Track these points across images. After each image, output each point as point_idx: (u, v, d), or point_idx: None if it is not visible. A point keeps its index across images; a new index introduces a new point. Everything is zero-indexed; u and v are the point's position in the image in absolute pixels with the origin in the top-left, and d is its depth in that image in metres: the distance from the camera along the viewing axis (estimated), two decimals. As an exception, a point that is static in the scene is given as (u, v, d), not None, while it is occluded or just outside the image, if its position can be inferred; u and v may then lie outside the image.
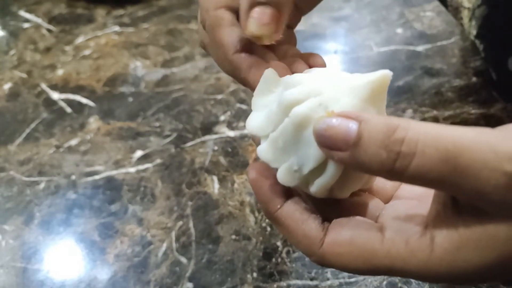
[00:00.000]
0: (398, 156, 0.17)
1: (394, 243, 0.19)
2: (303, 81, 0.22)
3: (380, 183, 0.25)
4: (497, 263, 0.18)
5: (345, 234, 0.20)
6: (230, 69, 0.26)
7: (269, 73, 0.24)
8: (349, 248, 0.20)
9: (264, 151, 0.23)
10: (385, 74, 0.21)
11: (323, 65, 0.27)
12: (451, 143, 0.17)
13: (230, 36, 0.25)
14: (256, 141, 0.25)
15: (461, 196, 0.18)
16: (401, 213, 0.21)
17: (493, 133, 0.17)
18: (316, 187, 0.22)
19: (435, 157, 0.17)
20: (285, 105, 0.21)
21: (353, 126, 0.18)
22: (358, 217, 0.21)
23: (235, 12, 0.26)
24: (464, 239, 0.18)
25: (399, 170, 0.17)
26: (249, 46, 0.25)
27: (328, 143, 0.19)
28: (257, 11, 0.23)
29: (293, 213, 0.22)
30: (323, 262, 0.21)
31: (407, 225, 0.20)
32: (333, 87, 0.21)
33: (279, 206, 0.22)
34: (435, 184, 0.18)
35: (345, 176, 0.21)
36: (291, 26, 0.30)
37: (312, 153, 0.21)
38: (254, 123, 0.24)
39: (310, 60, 0.27)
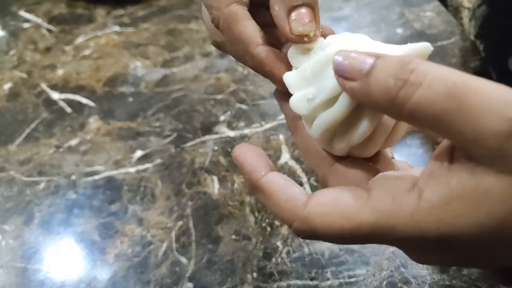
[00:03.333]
0: (404, 84, 0.17)
1: (380, 199, 0.19)
2: (349, 35, 0.24)
3: (383, 168, 0.25)
4: (488, 222, 0.17)
5: (330, 194, 0.20)
6: (253, 63, 0.26)
7: (296, 46, 0.25)
8: (333, 207, 0.19)
9: (290, 76, 0.25)
10: (426, 46, 0.21)
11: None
12: (461, 81, 0.17)
13: (249, 30, 0.26)
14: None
15: (459, 139, 0.17)
16: (390, 175, 0.21)
17: (509, 87, 0.17)
18: (320, 120, 0.23)
19: (442, 90, 0.17)
20: (326, 43, 0.24)
21: (369, 59, 0.19)
22: (344, 186, 0.21)
23: (246, 5, 0.26)
24: (454, 194, 0.17)
25: (402, 100, 0.17)
26: (268, 40, 0.26)
27: (343, 72, 0.19)
28: (296, 13, 0.24)
29: (277, 180, 0.22)
30: (305, 227, 0.20)
31: (395, 183, 0.19)
32: (374, 44, 0.23)
33: (263, 173, 0.22)
34: (434, 121, 0.17)
35: (347, 125, 0.22)
36: None
37: (329, 84, 0.22)
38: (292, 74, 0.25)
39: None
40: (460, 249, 0.18)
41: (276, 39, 0.28)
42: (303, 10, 0.24)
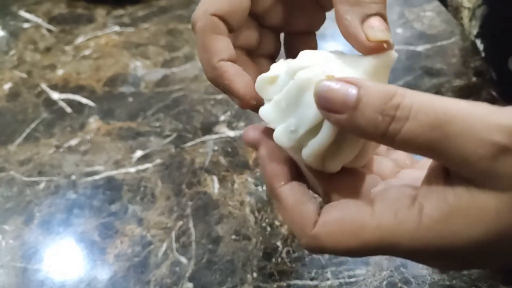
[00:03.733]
0: (392, 120, 0.18)
1: (383, 216, 0.19)
2: (310, 55, 0.24)
3: (379, 168, 0.26)
4: (485, 237, 0.18)
5: (335, 213, 0.21)
6: (212, 75, 0.26)
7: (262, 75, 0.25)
8: (339, 226, 0.20)
9: (266, 111, 0.24)
10: (390, 54, 0.22)
11: None
12: (442, 111, 0.17)
13: (220, 43, 0.26)
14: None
15: (449, 165, 0.18)
16: (392, 187, 0.21)
17: (487, 106, 0.18)
18: (308, 149, 0.22)
19: (426, 122, 0.18)
20: (292, 70, 0.23)
21: (352, 90, 0.19)
22: (348, 199, 0.22)
23: (228, 25, 0.26)
24: (453, 209, 0.18)
25: (392, 134, 0.18)
26: (234, 59, 0.26)
27: (327, 105, 0.20)
28: (371, 20, 0.24)
29: (295, 192, 0.22)
30: (314, 245, 0.21)
31: (396, 197, 0.20)
32: (338, 59, 0.23)
33: (283, 183, 0.23)
34: (424, 149, 0.18)
35: (336, 147, 0.22)
36: (313, 29, 0.31)
37: (309, 114, 0.22)
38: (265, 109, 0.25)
39: None
40: (461, 259, 0.19)
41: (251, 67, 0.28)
42: (377, 18, 0.24)
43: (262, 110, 0.25)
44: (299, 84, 0.22)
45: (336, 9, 0.25)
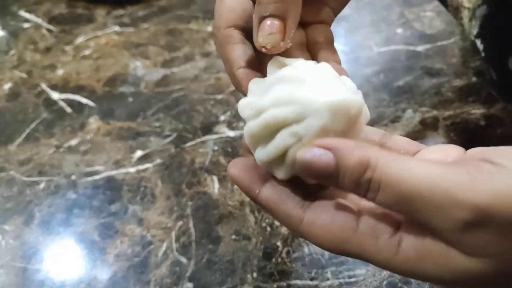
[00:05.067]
0: (367, 191, 0.20)
1: (365, 237, 0.21)
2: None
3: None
4: (452, 282, 0.19)
5: (324, 219, 0.22)
6: (234, 82, 0.28)
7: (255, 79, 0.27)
8: (324, 232, 0.22)
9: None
10: (343, 101, 0.22)
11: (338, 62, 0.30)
12: (406, 186, 0.18)
13: (235, 52, 0.27)
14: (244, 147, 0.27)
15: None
16: (379, 211, 0.22)
17: (458, 175, 0.18)
18: (278, 176, 0.24)
19: (392, 197, 0.19)
20: (259, 109, 0.24)
21: (331, 162, 0.21)
22: (340, 201, 0.23)
23: (243, 30, 0.28)
24: (427, 250, 0.19)
25: (370, 199, 0.20)
26: (254, 63, 0.28)
27: (312, 175, 0.21)
28: (264, 23, 0.25)
29: (272, 196, 0.24)
30: (303, 238, 0.23)
31: (381, 221, 0.21)
32: (303, 99, 0.23)
33: (257, 192, 0.24)
34: (398, 213, 0.20)
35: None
36: (326, 22, 0.31)
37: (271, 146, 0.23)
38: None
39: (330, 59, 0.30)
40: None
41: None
42: (274, 21, 0.25)
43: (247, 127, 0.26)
44: (267, 123, 0.23)
45: None
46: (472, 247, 0.18)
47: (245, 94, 0.27)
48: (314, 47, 0.30)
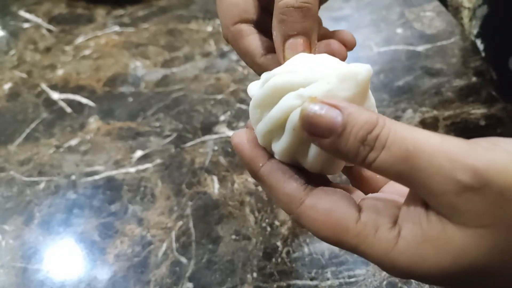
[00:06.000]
0: (371, 150, 0.19)
1: (365, 227, 0.20)
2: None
3: (373, 174, 0.26)
4: (451, 269, 0.19)
5: (326, 203, 0.21)
6: (260, 72, 0.28)
7: None
8: (325, 217, 0.21)
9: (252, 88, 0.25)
10: (361, 72, 0.22)
11: (351, 40, 0.30)
12: (413, 144, 0.18)
13: (253, 43, 0.28)
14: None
15: (418, 194, 0.20)
16: (381, 200, 0.22)
17: (459, 143, 0.19)
18: (275, 153, 0.23)
19: (397, 154, 0.19)
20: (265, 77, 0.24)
21: (337, 117, 0.20)
22: (343, 191, 0.22)
23: (251, 22, 0.28)
24: (425, 236, 0.19)
25: (369, 161, 0.19)
26: (273, 50, 0.28)
27: (313, 130, 0.20)
28: (290, 42, 0.26)
29: (276, 171, 0.23)
30: (299, 222, 0.22)
31: (381, 213, 0.21)
32: (311, 69, 0.23)
33: (261, 165, 0.24)
34: (395, 178, 0.20)
35: (306, 146, 0.23)
36: None
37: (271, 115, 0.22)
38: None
39: (340, 37, 0.30)
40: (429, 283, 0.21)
41: None
42: (298, 39, 0.26)
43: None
44: (273, 89, 0.23)
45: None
46: (468, 214, 0.18)
47: None
48: None
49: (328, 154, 0.21)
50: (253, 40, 0.28)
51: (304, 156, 0.23)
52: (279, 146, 0.23)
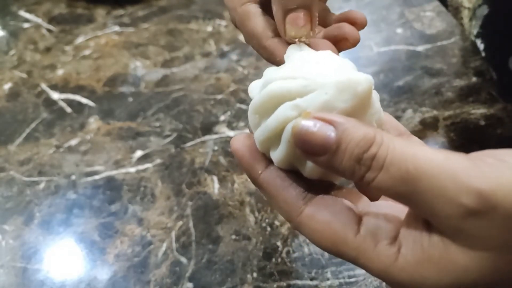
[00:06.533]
0: (368, 169, 0.18)
1: (365, 241, 0.20)
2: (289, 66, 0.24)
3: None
4: None
5: (325, 214, 0.21)
6: (266, 55, 0.27)
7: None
8: (324, 228, 0.21)
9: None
10: (350, 79, 0.21)
11: (362, 18, 0.29)
12: (413, 165, 0.18)
13: (260, 25, 0.27)
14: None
15: (421, 215, 0.19)
16: (382, 214, 0.21)
17: (462, 161, 0.18)
18: (274, 160, 0.23)
19: (397, 176, 0.18)
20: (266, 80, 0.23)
21: (331, 133, 0.19)
22: (344, 200, 0.22)
23: (258, 3, 0.28)
24: (426, 255, 0.19)
25: (367, 181, 0.19)
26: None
27: (305, 148, 0.20)
28: (291, 16, 0.25)
29: (274, 179, 0.23)
30: (297, 229, 0.22)
31: (382, 228, 0.20)
32: (311, 75, 0.22)
33: (260, 172, 0.23)
34: (395, 199, 0.19)
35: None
36: None
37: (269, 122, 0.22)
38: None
39: (350, 17, 0.29)
40: None
41: None
42: (299, 13, 0.25)
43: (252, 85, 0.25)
44: (270, 94, 0.22)
45: None
46: (473, 238, 0.17)
47: (281, 63, 0.26)
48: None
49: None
50: (260, 22, 0.27)
51: (303, 164, 0.22)
52: (276, 155, 0.22)
